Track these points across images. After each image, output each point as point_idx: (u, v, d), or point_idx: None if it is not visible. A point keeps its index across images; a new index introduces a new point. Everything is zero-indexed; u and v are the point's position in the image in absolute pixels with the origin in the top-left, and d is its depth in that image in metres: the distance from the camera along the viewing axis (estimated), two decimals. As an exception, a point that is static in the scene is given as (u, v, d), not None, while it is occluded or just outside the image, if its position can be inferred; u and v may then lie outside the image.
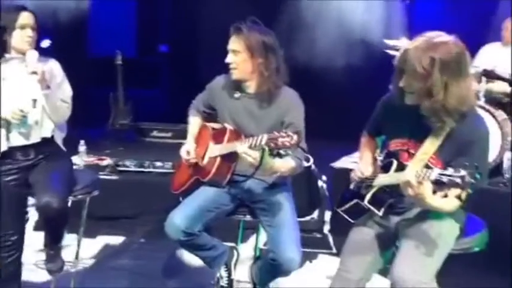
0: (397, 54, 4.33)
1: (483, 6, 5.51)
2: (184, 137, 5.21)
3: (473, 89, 2.30)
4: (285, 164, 2.36)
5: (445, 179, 1.72)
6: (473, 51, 4.34)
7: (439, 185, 1.75)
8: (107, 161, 4.31)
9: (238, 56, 2.47)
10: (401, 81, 1.96)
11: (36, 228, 3.39)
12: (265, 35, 2.47)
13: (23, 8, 2.56)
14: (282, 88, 2.50)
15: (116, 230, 3.89)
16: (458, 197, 1.75)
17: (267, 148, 2.17)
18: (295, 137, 2.08)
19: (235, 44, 2.48)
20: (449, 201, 1.81)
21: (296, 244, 2.38)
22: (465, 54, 1.94)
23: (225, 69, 2.66)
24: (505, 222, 3.12)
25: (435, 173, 1.76)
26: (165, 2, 6.71)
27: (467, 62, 1.95)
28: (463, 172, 1.69)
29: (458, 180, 1.69)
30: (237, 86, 2.56)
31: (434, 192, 1.81)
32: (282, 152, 2.18)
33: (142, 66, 6.71)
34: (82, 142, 4.35)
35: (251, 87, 2.53)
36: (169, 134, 5.43)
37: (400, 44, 4.27)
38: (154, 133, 5.45)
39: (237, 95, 2.56)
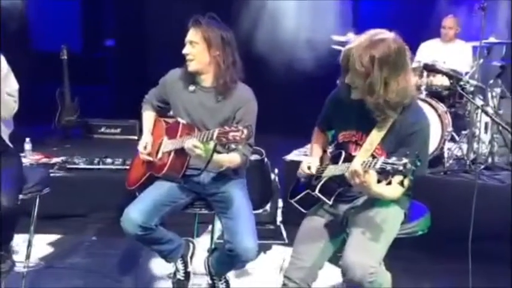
0: (343, 49, 4.48)
1: (424, 3, 5.78)
2: (133, 132, 5.25)
3: (413, 82, 2.43)
4: (230, 159, 2.43)
5: (388, 167, 1.82)
6: (414, 46, 4.56)
7: (383, 173, 1.86)
8: (55, 159, 4.21)
9: (196, 47, 2.49)
10: (346, 78, 2.06)
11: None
12: (223, 29, 2.51)
13: None
14: (238, 84, 2.55)
15: (67, 228, 3.81)
16: (401, 184, 1.85)
17: (216, 142, 2.21)
18: (245, 131, 2.13)
19: (193, 35, 2.50)
20: (393, 188, 1.92)
21: (252, 234, 2.44)
22: (404, 49, 2.04)
23: (172, 63, 2.68)
24: (445, 209, 3.31)
25: (379, 162, 1.87)
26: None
27: (406, 57, 2.05)
28: (404, 160, 1.80)
29: (401, 168, 1.80)
30: (193, 79, 2.58)
31: (379, 181, 1.91)
32: (232, 146, 2.23)
33: (89, 61, 6.55)
34: (28, 140, 4.23)
35: (207, 80, 2.56)
36: (118, 130, 5.37)
37: (347, 39, 4.43)
38: (103, 129, 5.38)
39: (192, 87, 2.58)
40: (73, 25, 6.75)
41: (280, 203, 3.81)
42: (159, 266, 3.16)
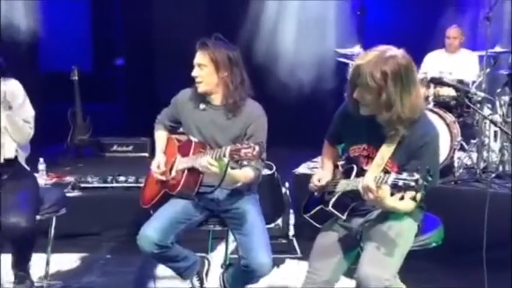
0: (349, 62, 4.52)
1: (428, 15, 5.82)
2: (145, 150, 5.30)
3: (422, 95, 2.46)
4: (244, 174, 2.47)
5: (400, 182, 1.85)
6: (418, 57, 4.59)
7: (396, 188, 1.88)
8: (69, 178, 4.26)
9: (204, 69, 2.55)
10: (355, 93, 2.08)
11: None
12: (229, 49, 2.57)
13: None
14: (247, 100, 2.60)
15: (81, 247, 3.83)
16: (414, 199, 1.87)
17: (228, 159, 2.24)
18: (257, 148, 2.17)
19: (200, 58, 2.55)
20: (406, 202, 1.93)
21: (267, 249, 2.46)
22: (412, 65, 2.07)
23: (181, 81, 2.74)
24: (457, 218, 3.31)
25: (391, 177, 1.89)
26: (119, 16, 6.69)
27: (415, 73, 2.08)
28: (416, 175, 1.82)
29: (413, 184, 1.82)
30: (203, 98, 2.63)
31: (392, 194, 1.93)
32: (244, 162, 2.26)
33: (99, 80, 6.65)
34: (41, 160, 4.28)
35: (216, 99, 2.62)
36: (129, 148, 5.42)
37: (352, 52, 4.48)
38: (115, 147, 5.43)
39: (202, 106, 2.64)
40: (83, 45, 6.87)
41: (292, 217, 3.83)
42: (174, 283, 3.17)
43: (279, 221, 3.78)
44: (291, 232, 3.83)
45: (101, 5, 6.76)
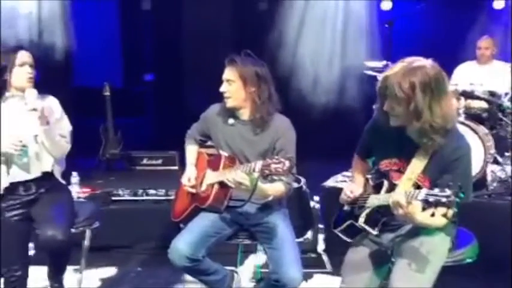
0: (378, 75, 4.49)
1: (458, 26, 5.75)
2: (174, 163, 5.35)
3: (454, 106, 2.43)
4: (275, 188, 2.48)
5: (431, 198, 1.82)
6: (449, 69, 4.54)
7: (426, 203, 1.85)
8: (101, 191, 4.34)
9: (232, 85, 2.58)
10: (385, 105, 2.08)
11: (33, 262, 3.40)
12: (257, 65, 2.60)
13: (21, 47, 2.65)
14: (275, 115, 2.62)
15: (112, 260, 3.88)
16: (445, 215, 1.84)
17: (259, 174, 2.26)
18: (287, 163, 2.18)
19: (229, 73, 2.60)
20: (437, 218, 1.90)
21: (297, 263, 2.46)
22: (442, 75, 2.06)
23: (209, 95, 2.78)
24: (491, 233, 3.23)
25: (422, 193, 1.87)
26: (149, 32, 6.83)
27: (446, 82, 2.07)
28: (448, 192, 1.79)
29: (444, 200, 1.79)
30: (232, 113, 2.67)
31: (423, 209, 1.90)
32: (275, 177, 2.28)
33: (129, 95, 6.78)
34: (75, 174, 4.37)
35: (245, 114, 2.65)
36: (159, 161, 5.49)
37: (382, 65, 4.46)
38: (144, 161, 5.50)
39: (231, 121, 2.67)
40: (113, 60, 7.02)
41: (321, 231, 3.80)
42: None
43: (308, 235, 3.76)
44: (320, 246, 3.80)
45: (131, 21, 6.92)
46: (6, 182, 2.59)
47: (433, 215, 1.84)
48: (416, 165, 2.10)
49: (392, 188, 2.12)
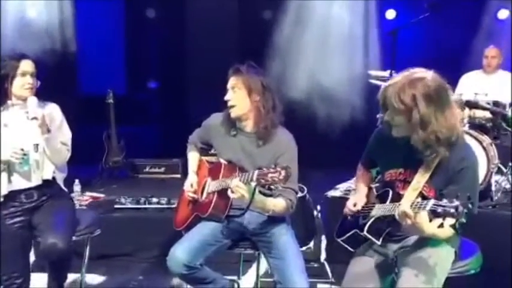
0: (382, 84, 4.48)
1: (463, 35, 5.74)
2: (176, 171, 5.35)
3: (459, 118, 2.41)
4: (274, 202, 2.47)
5: (439, 209, 1.80)
6: (454, 78, 4.53)
7: (434, 214, 1.83)
8: (102, 199, 4.33)
9: (237, 93, 2.58)
10: (386, 115, 2.07)
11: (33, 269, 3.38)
12: (262, 75, 2.61)
13: (24, 56, 2.65)
14: (278, 128, 2.61)
15: (113, 268, 3.87)
16: (453, 226, 1.83)
17: (256, 183, 2.25)
18: (283, 172, 2.17)
19: (234, 82, 2.59)
20: (445, 229, 1.88)
21: (303, 273, 2.45)
22: (444, 86, 2.04)
23: (213, 104, 2.77)
24: (495, 244, 3.20)
25: (430, 203, 1.84)
26: (153, 40, 6.86)
27: (448, 94, 2.05)
28: (456, 202, 1.77)
29: (453, 211, 1.77)
30: (234, 123, 2.66)
31: (430, 220, 1.88)
32: (272, 187, 2.26)
33: (132, 103, 6.79)
34: (77, 181, 4.37)
35: (248, 126, 2.63)
36: (161, 170, 5.49)
37: (386, 74, 4.45)
38: (147, 169, 5.51)
39: (233, 132, 2.66)
40: (117, 68, 7.04)
41: (324, 241, 3.77)
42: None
43: (311, 244, 3.73)
44: (323, 256, 3.77)
45: (136, 29, 6.94)
46: (6, 190, 2.58)
47: (441, 226, 1.82)
48: (422, 176, 2.08)
49: (397, 198, 2.10)
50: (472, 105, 3.81)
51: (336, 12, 5.93)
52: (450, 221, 1.79)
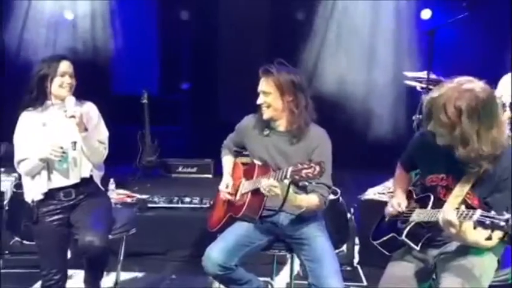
0: (418, 85, 4.37)
1: (503, 35, 5.56)
2: (208, 171, 5.38)
3: (506, 133, 2.30)
4: (309, 199, 2.45)
5: (488, 221, 1.73)
6: (492, 78, 4.38)
7: (481, 225, 1.76)
8: (137, 198, 4.39)
9: (269, 96, 2.56)
10: (429, 125, 1.99)
11: (70, 266, 3.44)
12: (293, 74, 2.57)
13: (64, 57, 2.71)
14: (311, 125, 2.58)
15: (147, 266, 3.89)
16: (502, 239, 1.76)
17: (290, 180, 2.24)
18: (317, 167, 2.15)
19: (265, 85, 2.57)
20: (492, 241, 1.81)
21: (338, 275, 2.42)
22: (493, 98, 1.94)
23: (244, 105, 2.76)
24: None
25: (477, 214, 1.77)
26: (187, 41, 6.92)
27: (496, 107, 1.95)
28: (507, 215, 1.69)
29: (502, 223, 1.69)
30: (267, 124, 2.65)
31: (474, 227, 1.81)
32: (306, 183, 2.23)
33: (165, 103, 6.87)
34: (112, 180, 4.44)
35: (281, 125, 2.62)
36: (194, 169, 5.54)
37: (422, 75, 4.36)
38: (180, 169, 5.56)
39: (266, 131, 2.65)
40: (151, 69, 7.13)
41: (357, 244, 3.72)
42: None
43: (344, 248, 3.69)
44: (356, 259, 3.72)
45: (169, 31, 7.03)
46: (45, 188, 2.63)
47: (489, 238, 1.75)
48: (466, 183, 2.01)
49: (438, 203, 2.04)
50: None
51: (368, 12, 5.85)
52: (498, 233, 1.73)
